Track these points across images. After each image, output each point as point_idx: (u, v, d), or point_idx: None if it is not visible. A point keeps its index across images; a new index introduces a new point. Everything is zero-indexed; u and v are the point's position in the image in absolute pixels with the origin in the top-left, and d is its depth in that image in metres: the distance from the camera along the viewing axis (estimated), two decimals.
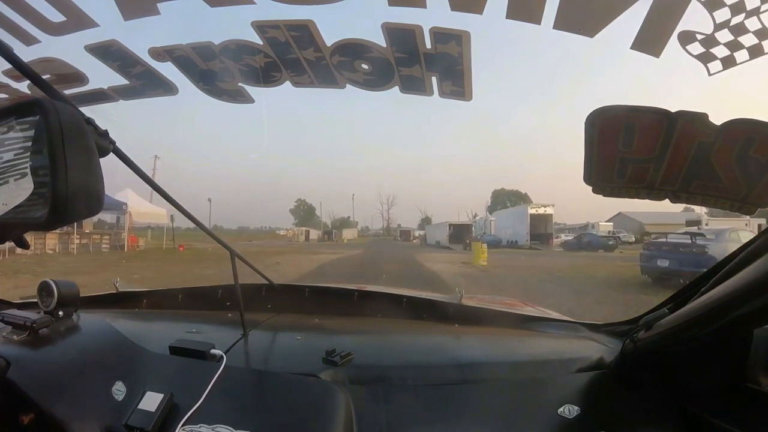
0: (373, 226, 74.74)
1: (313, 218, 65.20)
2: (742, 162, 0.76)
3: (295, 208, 66.26)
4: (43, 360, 0.90)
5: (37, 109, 0.46)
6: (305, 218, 63.18)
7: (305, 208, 65.12)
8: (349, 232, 58.50)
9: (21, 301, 1.36)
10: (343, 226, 62.57)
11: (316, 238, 47.09)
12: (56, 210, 0.45)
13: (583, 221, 36.72)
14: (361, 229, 72.16)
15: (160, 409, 0.74)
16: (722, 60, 0.84)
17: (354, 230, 62.55)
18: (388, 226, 71.38)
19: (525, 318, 1.38)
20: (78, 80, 1.18)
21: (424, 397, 0.84)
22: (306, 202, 65.36)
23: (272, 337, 1.21)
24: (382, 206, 72.85)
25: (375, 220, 75.40)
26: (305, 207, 65.29)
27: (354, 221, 71.29)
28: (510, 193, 53.98)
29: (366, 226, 75.24)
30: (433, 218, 63.82)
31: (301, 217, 63.41)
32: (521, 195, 50.45)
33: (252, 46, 1.07)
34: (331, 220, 68.14)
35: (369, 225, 74.92)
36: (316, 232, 50.69)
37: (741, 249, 0.74)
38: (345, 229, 60.33)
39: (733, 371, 0.81)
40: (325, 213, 69.28)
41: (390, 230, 70.01)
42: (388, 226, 71.38)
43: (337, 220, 67.74)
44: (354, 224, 67.14)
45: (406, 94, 1.13)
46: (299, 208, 66.02)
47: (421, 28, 0.96)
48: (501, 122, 60.09)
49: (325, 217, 68.07)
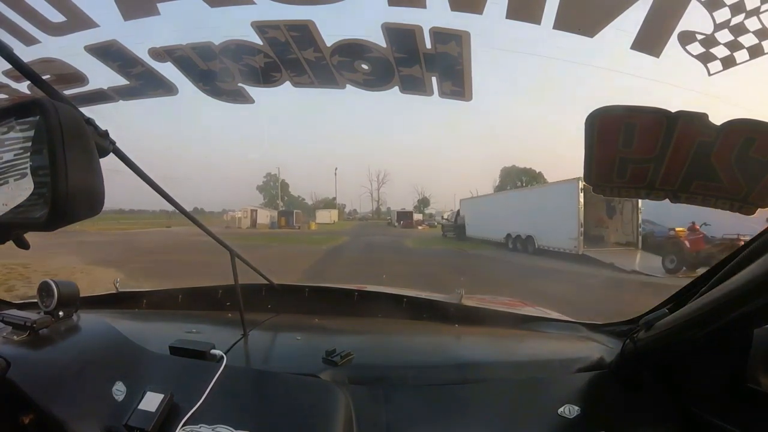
0: (362, 209, 59.39)
1: (287, 196, 50.41)
2: (742, 162, 0.76)
3: (263, 185, 48.74)
4: (43, 360, 0.90)
5: (37, 109, 0.46)
6: (276, 197, 48.09)
7: (276, 185, 49.13)
8: (325, 215, 42.20)
9: (21, 301, 1.36)
10: (323, 208, 47.29)
11: (268, 222, 32.93)
12: (56, 210, 0.45)
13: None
14: (349, 213, 57.20)
15: (160, 409, 0.74)
16: (722, 60, 0.85)
17: (332, 212, 45.10)
18: (378, 207, 56.00)
19: (525, 318, 1.38)
20: (78, 80, 1.18)
21: (424, 397, 0.84)
22: (277, 177, 48.87)
23: (272, 337, 1.21)
24: (371, 184, 56.62)
25: (364, 203, 60.12)
26: (276, 184, 49.11)
27: (341, 204, 54.83)
28: (521, 171, 43.48)
29: (354, 209, 59.08)
30: (431, 199, 50.28)
31: (272, 196, 47.55)
32: (535, 174, 37.23)
33: (252, 46, 1.07)
34: (313, 201, 52.47)
35: (357, 208, 59.43)
36: (268, 214, 35.40)
37: (741, 249, 0.74)
38: (320, 210, 44.78)
39: (733, 371, 0.80)
40: (306, 193, 54.12)
41: (380, 213, 53.72)
42: (378, 207, 56.00)
43: (320, 201, 52.09)
44: (334, 204, 51.07)
45: (406, 94, 1.13)
46: (268, 186, 48.57)
47: (421, 28, 0.96)
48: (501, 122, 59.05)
49: (307, 198, 52.77)
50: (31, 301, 1.23)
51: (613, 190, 0.91)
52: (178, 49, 1.10)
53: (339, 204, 54.56)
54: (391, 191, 69.57)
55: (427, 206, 50.00)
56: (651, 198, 0.89)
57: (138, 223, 30.16)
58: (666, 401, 0.85)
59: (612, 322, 1.22)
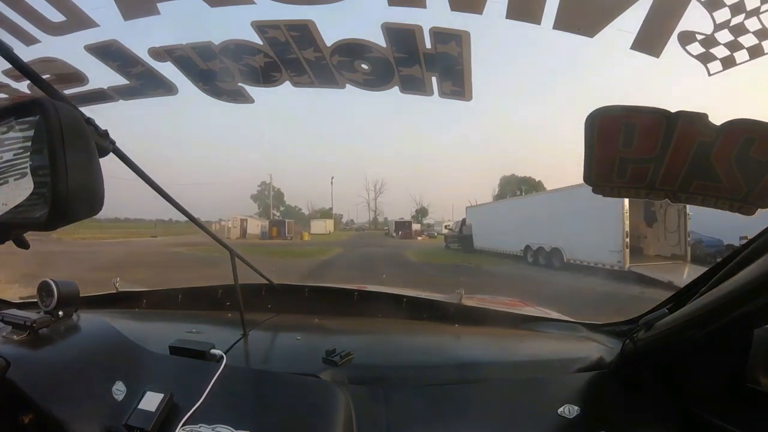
0: (359, 219, 59.95)
1: (283, 206, 50.66)
2: (742, 162, 0.76)
3: (258, 194, 48.21)
4: (43, 360, 0.90)
5: (37, 109, 0.46)
6: (272, 207, 48.11)
7: (271, 194, 48.56)
8: (320, 225, 41.75)
9: (21, 301, 1.36)
10: (321, 218, 47.02)
11: (259, 232, 31.82)
12: (56, 210, 0.45)
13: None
14: (346, 223, 57.90)
15: (160, 409, 0.74)
16: (722, 60, 0.85)
17: (327, 222, 45.05)
18: (376, 218, 56.13)
19: (525, 318, 1.38)
20: (78, 80, 1.18)
21: (424, 397, 0.84)
22: (273, 187, 48.18)
23: (272, 337, 1.21)
24: (368, 194, 56.58)
25: (361, 213, 60.78)
26: (272, 193, 48.60)
27: (338, 214, 55.03)
28: (521, 180, 40.35)
29: (351, 220, 59.72)
30: (429, 209, 50.38)
31: (267, 206, 47.60)
32: (534, 183, 37.60)
33: (252, 46, 1.07)
34: (309, 211, 52.64)
35: (354, 218, 59.87)
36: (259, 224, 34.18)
37: (741, 249, 0.74)
38: (315, 220, 44.37)
39: (733, 371, 0.80)
40: (302, 202, 53.81)
41: (377, 223, 54.30)
42: (376, 218, 56.13)
43: (317, 211, 52.57)
44: (331, 214, 51.33)
45: (406, 94, 1.13)
46: (263, 195, 48.04)
47: (421, 28, 0.96)
48: (501, 122, 58.62)
49: (304, 207, 52.49)
50: (31, 301, 1.23)
51: (613, 190, 0.91)
52: (178, 49, 1.10)
53: (336, 214, 54.05)
54: (389, 201, 68.34)
55: (426, 216, 49.75)
56: (651, 198, 0.89)
57: (123, 232, 28.55)
58: (666, 401, 0.85)
59: (612, 322, 1.22)
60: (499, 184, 42.00)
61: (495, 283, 9.32)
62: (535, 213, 13.19)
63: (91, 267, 10.52)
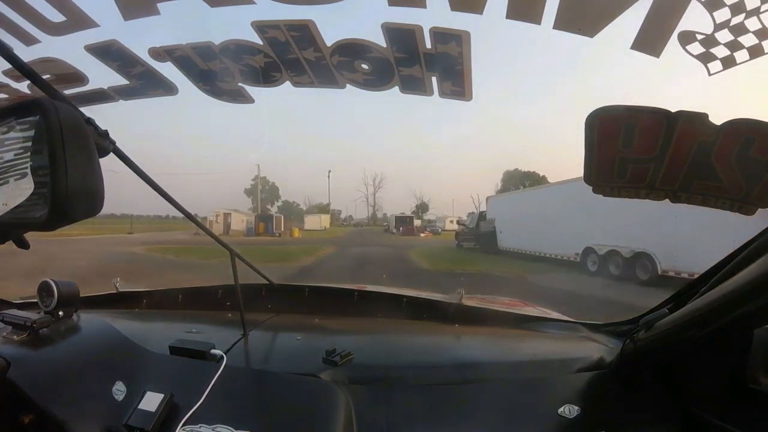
0: (357, 215, 58.26)
1: (277, 201, 48.50)
2: (742, 162, 0.76)
3: (252, 188, 45.35)
4: (43, 360, 0.90)
5: (37, 109, 0.46)
6: (266, 201, 46.27)
7: (265, 189, 46.25)
8: (314, 220, 38.91)
9: (21, 301, 1.36)
10: (317, 213, 44.97)
11: (244, 228, 29.20)
12: (56, 210, 0.45)
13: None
14: (345, 218, 56.18)
15: (161, 409, 0.74)
16: (722, 60, 0.84)
17: (322, 217, 41.70)
18: (375, 213, 53.93)
19: (525, 318, 1.38)
20: (78, 80, 1.18)
21: (424, 397, 0.84)
22: (267, 180, 45.94)
23: (272, 337, 1.21)
24: (366, 188, 55.27)
25: (360, 208, 58.91)
26: (265, 187, 45.97)
27: (336, 210, 53.78)
28: (525, 174, 37.88)
29: (350, 215, 57.95)
30: (430, 205, 49.11)
31: (261, 200, 45.09)
32: (538, 177, 35.14)
33: (252, 46, 1.07)
34: (307, 206, 50.67)
35: (353, 214, 58.02)
36: (245, 218, 31.43)
37: (741, 249, 0.74)
38: (309, 215, 42.21)
39: (733, 371, 0.81)
40: (300, 198, 52.22)
41: (376, 219, 52.34)
42: (375, 213, 53.93)
43: (314, 207, 50.53)
44: (327, 209, 49.09)
45: (406, 94, 1.13)
46: (257, 189, 44.82)
47: (421, 28, 0.95)
48: (501, 121, 58.58)
49: (301, 202, 50.67)
50: (31, 301, 1.23)
51: (614, 190, 0.91)
52: (178, 49, 1.10)
53: (334, 210, 52.68)
54: (388, 196, 67.54)
55: (426, 212, 48.85)
56: (651, 198, 0.89)
57: (100, 228, 26.13)
58: (666, 401, 0.85)
59: (612, 321, 1.22)
60: (502, 179, 40.12)
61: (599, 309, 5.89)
62: (605, 204, 7.55)
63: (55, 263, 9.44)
